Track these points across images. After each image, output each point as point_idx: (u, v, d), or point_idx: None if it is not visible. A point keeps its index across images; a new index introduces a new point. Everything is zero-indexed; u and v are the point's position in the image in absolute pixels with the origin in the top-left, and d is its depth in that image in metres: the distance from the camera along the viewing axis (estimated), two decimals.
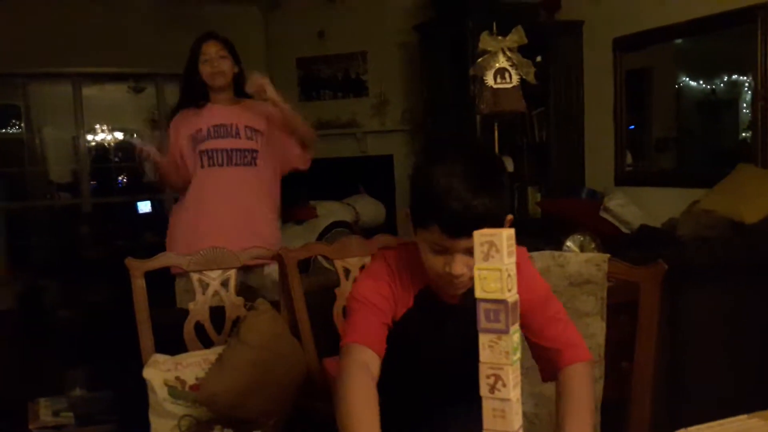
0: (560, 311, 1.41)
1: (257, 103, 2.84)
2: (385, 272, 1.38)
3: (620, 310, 1.84)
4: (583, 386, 1.32)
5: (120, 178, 7.77)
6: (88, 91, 6.66)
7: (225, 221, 2.75)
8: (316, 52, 6.25)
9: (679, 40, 3.90)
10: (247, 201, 2.81)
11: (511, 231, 1.03)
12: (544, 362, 1.41)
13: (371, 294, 1.35)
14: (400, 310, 1.37)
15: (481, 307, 1.02)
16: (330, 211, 5.06)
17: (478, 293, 1.02)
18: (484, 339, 1.03)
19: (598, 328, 1.77)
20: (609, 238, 3.44)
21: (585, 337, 1.68)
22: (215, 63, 2.76)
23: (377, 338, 1.32)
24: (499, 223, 1.21)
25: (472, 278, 1.21)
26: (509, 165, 4.26)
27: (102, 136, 8.00)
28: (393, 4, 6.04)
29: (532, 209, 4.67)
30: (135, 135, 7.97)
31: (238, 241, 2.39)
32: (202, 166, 2.78)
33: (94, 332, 3.59)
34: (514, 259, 1.03)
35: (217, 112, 2.80)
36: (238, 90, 2.85)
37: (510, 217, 1.31)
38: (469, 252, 1.18)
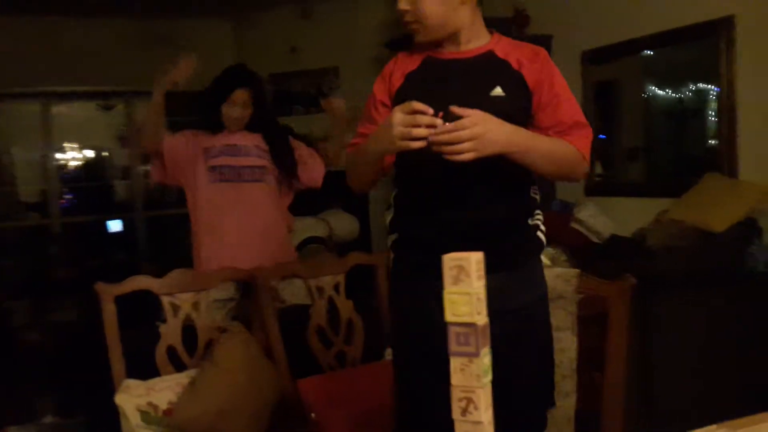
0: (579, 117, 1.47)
1: None
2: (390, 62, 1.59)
3: (591, 321, 1.86)
4: (569, 147, 1.42)
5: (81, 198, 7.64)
6: (57, 110, 6.58)
7: (242, 234, 2.77)
8: (289, 67, 6.25)
9: (646, 52, 3.97)
10: (258, 215, 2.84)
11: (480, 255, 1.04)
12: None
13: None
14: (398, 79, 1.52)
15: (452, 331, 1.03)
16: (304, 227, 5.04)
17: (448, 317, 1.02)
18: (455, 363, 1.03)
19: (569, 342, 1.79)
20: (580, 249, 3.47)
21: (556, 352, 1.69)
22: (239, 112, 2.84)
23: None
24: None
25: (416, 22, 1.44)
26: None
27: (72, 154, 7.89)
28: (365, 21, 6.07)
29: None
30: (104, 153, 7.87)
31: (254, 254, 2.52)
32: (212, 181, 2.82)
33: (64, 354, 3.53)
34: (483, 282, 1.04)
35: (231, 136, 2.87)
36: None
37: None
38: None
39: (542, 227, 1.56)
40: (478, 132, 1.26)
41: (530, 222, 1.53)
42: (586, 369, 1.83)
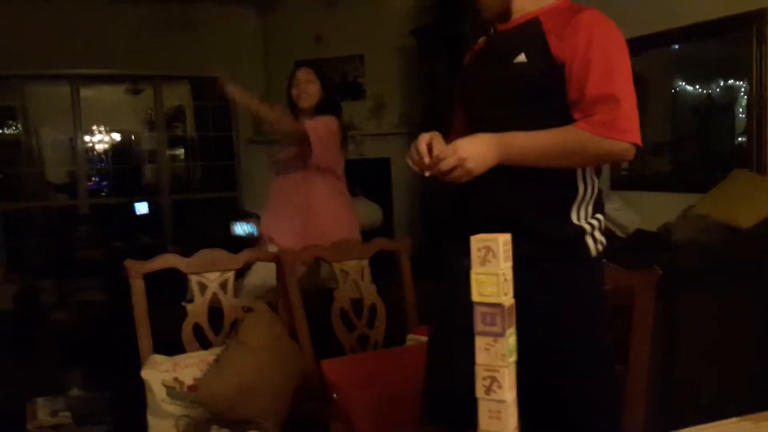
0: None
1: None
2: None
3: (616, 313, 1.86)
4: (578, 134, 1.33)
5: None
6: (86, 93, 6.66)
7: (291, 223, 2.95)
8: (314, 55, 6.26)
9: (674, 46, 3.93)
10: (301, 202, 2.98)
11: (508, 236, 1.05)
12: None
13: None
14: (467, 59, 1.58)
15: (478, 311, 1.04)
16: None
17: (475, 297, 1.04)
18: (480, 342, 1.05)
19: None
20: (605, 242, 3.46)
21: None
22: (302, 86, 3.01)
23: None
24: None
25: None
26: None
27: (99, 137, 8.00)
28: (390, 9, 6.07)
29: None
30: (132, 137, 7.97)
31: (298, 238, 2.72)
32: (274, 176, 3.06)
33: (91, 333, 3.59)
34: (510, 263, 1.05)
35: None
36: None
37: None
38: None
39: (596, 234, 1.46)
40: (461, 157, 1.30)
41: (575, 218, 1.44)
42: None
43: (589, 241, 1.45)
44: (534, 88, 1.34)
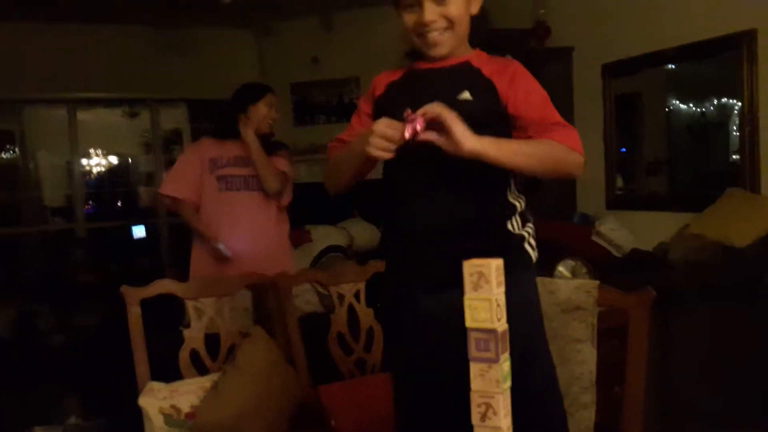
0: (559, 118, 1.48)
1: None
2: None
3: (612, 334, 1.87)
4: (549, 143, 1.41)
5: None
6: (83, 116, 6.69)
7: (245, 243, 2.92)
8: (310, 77, 6.32)
9: (668, 66, 3.97)
10: (261, 223, 3.00)
11: (500, 262, 1.06)
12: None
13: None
14: (380, 89, 1.62)
15: (472, 337, 1.05)
16: (324, 236, 5.07)
17: (469, 323, 1.05)
18: (474, 368, 1.05)
19: (589, 354, 1.79)
20: (601, 262, 3.47)
21: (576, 363, 1.70)
22: (272, 113, 3.03)
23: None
24: None
25: (447, 28, 1.48)
26: None
27: (96, 160, 8.01)
28: (385, 32, 6.07)
29: None
30: (130, 160, 7.99)
31: (258, 263, 2.62)
32: (219, 190, 2.97)
33: (89, 358, 3.59)
34: (503, 289, 1.06)
35: (242, 147, 2.98)
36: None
37: None
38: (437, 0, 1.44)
39: (531, 241, 1.54)
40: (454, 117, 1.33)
41: (511, 228, 1.51)
42: (606, 382, 1.83)
43: (528, 247, 1.54)
44: (477, 123, 1.37)
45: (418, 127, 1.32)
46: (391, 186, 1.57)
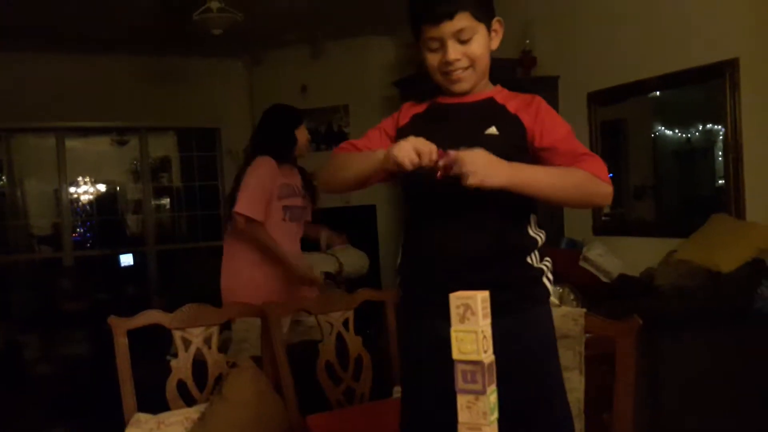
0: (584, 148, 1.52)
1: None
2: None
3: (600, 361, 1.88)
4: (579, 172, 1.44)
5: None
6: (71, 144, 6.69)
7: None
8: (299, 105, 6.34)
9: (655, 93, 4.02)
10: (300, 252, 3.24)
11: (486, 294, 1.07)
12: None
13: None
14: (405, 119, 1.63)
15: (459, 368, 1.05)
16: (314, 262, 5.06)
17: (455, 354, 1.05)
18: (461, 400, 1.05)
19: (577, 382, 1.80)
20: (589, 288, 3.48)
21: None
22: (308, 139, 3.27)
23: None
24: (478, 4, 1.48)
25: (469, 66, 1.50)
26: None
27: (84, 188, 7.98)
28: (373, 60, 6.19)
29: None
30: (118, 188, 7.97)
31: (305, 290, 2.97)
32: (283, 219, 3.10)
33: (75, 388, 3.55)
34: (488, 321, 1.06)
35: (288, 172, 3.14)
36: None
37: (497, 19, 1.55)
38: (459, 38, 1.47)
39: (549, 275, 1.57)
40: (477, 161, 1.35)
41: (531, 262, 1.53)
42: (594, 409, 1.84)
43: (546, 281, 1.56)
44: (507, 156, 1.40)
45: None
46: (413, 215, 1.59)
